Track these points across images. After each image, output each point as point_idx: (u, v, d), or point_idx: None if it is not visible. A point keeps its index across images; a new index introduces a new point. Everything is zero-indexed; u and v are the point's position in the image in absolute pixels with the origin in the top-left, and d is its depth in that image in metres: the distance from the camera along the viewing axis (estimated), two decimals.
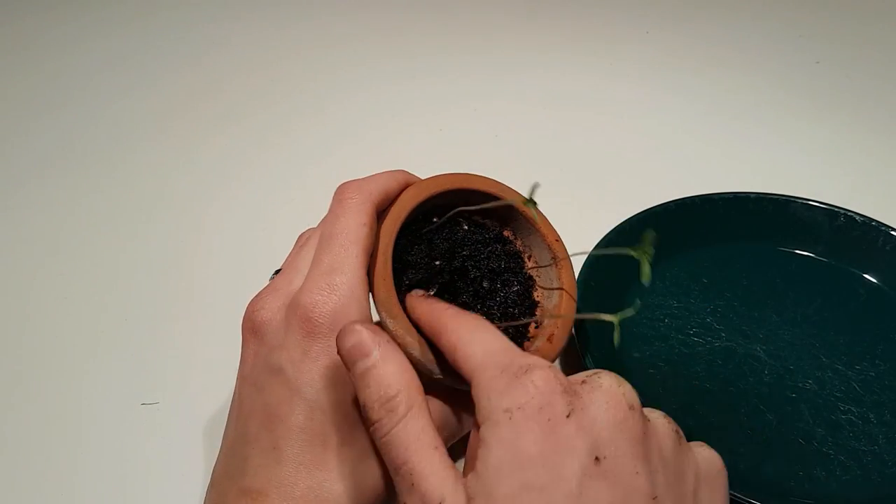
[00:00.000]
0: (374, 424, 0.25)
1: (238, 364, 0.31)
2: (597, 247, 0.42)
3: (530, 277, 0.35)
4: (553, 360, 0.32)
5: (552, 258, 0.34)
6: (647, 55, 0.73)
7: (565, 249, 0.35)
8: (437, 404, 0.30)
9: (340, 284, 0.29)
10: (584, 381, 0.24)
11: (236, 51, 0.77)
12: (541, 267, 0.35)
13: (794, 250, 0.46)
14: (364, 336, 0.26)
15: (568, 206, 0.37)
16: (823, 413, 0.37)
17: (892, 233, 0.43)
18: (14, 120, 0.67)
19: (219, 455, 0.30)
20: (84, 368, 0.42)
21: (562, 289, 0.34)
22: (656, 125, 0.62)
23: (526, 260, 0.35)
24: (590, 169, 0.57)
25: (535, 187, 0.30)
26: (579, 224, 0.38)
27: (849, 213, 0.44)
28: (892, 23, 0.77)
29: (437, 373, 0.29)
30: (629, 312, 0.26)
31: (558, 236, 0.35)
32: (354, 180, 0.32)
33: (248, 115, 0.66)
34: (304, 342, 0.28)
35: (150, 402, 0.40)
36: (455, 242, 0.33)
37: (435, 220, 0.34)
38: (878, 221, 0.44)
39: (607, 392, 0.23)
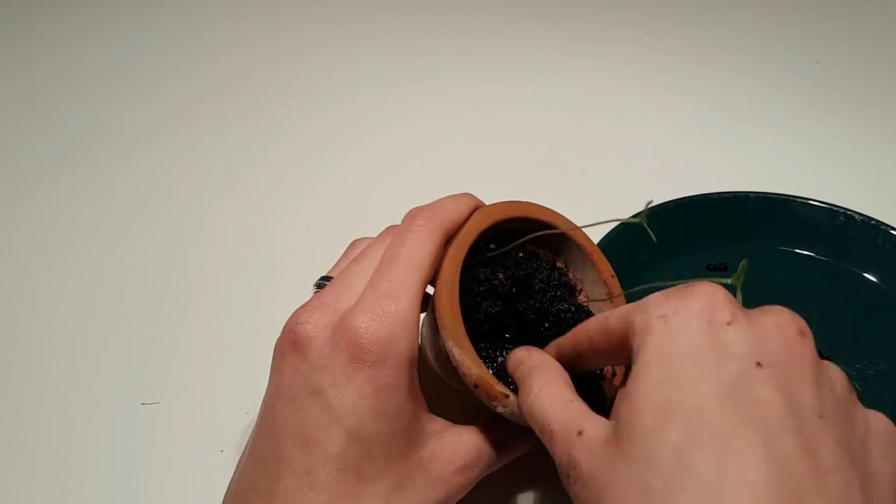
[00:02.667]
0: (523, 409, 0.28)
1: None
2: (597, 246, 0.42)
3: (584, 307, 0.34)
4: None
5: (607, 294, 0.34)
6: (647, 55, 0.73)
7: (619, 286, 0.34)
8: (475, 436, 0.30)
9: (395, 313, 0.28)
10: (752, 307, 0.23)
11: (238, 53, 0.77)
12: (592, 301, 0.35)
13: (794, 249, 0.46)
14: (520, 354, 0.30)
15: (568, 207, 0.37)
16: None
17: (892, 232, 0.43)
18: (16, 120, 0.67)
19: (244, 464, 0.29)
20: (84, 368, 0.42)
21: None
22: (656, 125, 0.62)
23: (577, 293, 0.35)
24: (590, 169, 0.57)
25: (649, 205, 0.30)
26: (579, 224, 0.38)
27: (848, 213, 0.44)
28: (892, 23, 0.77)
29: (501, 406, 0.29)
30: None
31: (613, 272, 0.35)
32: (426, 207, 0.31)
33: (249, 118, 0.66)
34: (350, 368, 0.27)
35: (150, 402, 0.40)
36: (511, 270, 0.33)
37: (492, 246, 0.33)
38: (877, 220, 0.44)
39: (778, 314, 0.23)
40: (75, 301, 0.47)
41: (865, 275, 0.44)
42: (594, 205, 0.52)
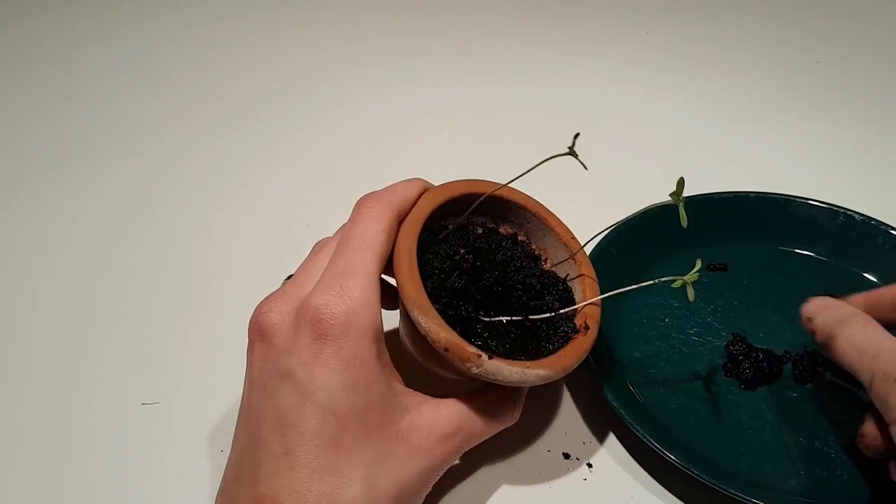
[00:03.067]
0: None
1: (244, 366, 0.31)
2: (597, 247, 0.42)
3: (550, 272, 0.36)
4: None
5: (569, 255, 0.35)
6: (647, 55, 0.73)
7: (581, 246, 0.35)
8: (455, 406, 0.30)
9: (353, 287, 0.28)
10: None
11: (238, 53, 0.77)
12: (557, 264, 0.36)
13: (794, 249, 0.46)
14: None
15: (567, 206, 0.37)
16: (824, 411, 0.37)
17: (892, 232, 0.43)
18: (17, 120, 0.67)
19: (229, 460, 0.30)
20: (84, 368, 0.42)
21: (583, 275, 0.35)
22: (656, 125, 0.62)
23: (542, 261, 0.36)
24: (589, 169, 0.57)
25: (576, 137, 0.31)
26: (579, 224, 0.38)
27: (848, 213, 0.44)
28: (892, 23, 0.77)
29: (475, 369, 0.29)
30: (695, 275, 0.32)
31: (573, 234, 0.36)
32: (374, 192, 0.32)
33: (249, 118, 0.66)
34: (315, 345, 0.27)
35: (151, 402, 0.40)
36: (471, 245, 0.34)
37: (450, 226, 0.34)
38: (877, 220, 0.44)
39: None
40: (75, 301, 0.47)
41: (865, 275, 0.43)
42: (594, 205, 0.52)
